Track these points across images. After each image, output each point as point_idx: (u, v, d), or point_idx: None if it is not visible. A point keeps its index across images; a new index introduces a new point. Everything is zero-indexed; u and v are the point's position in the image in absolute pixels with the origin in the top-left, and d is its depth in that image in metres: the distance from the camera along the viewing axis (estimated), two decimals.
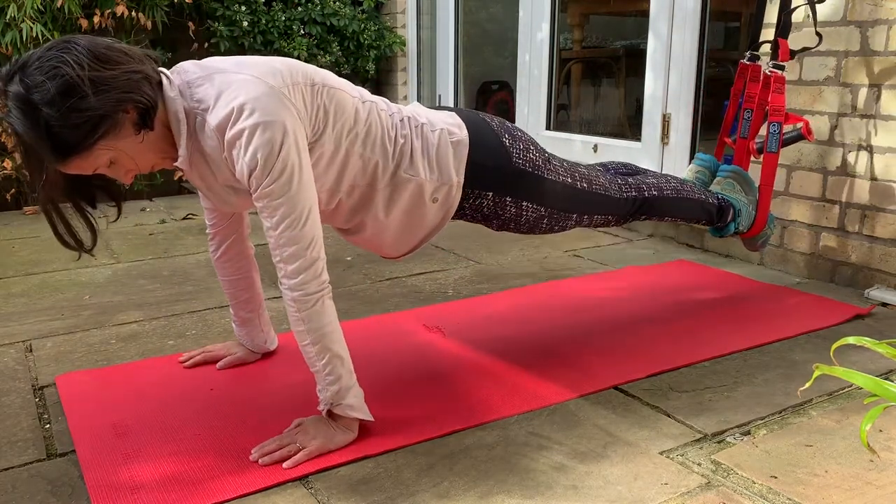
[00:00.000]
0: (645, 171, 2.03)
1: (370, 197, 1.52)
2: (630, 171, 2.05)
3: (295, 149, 1.31)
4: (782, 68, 2.12)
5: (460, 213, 1.65)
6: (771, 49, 2.16)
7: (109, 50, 1.26)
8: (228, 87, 1.31)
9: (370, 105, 1.49)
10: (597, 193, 1.78)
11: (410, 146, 1.52)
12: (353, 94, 1.47)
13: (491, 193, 1.62)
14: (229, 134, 1.30)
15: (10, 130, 1.22)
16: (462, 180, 1.57)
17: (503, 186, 1.62)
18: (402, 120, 1.54)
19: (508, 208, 1.65)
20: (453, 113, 1.63)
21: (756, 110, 2.19)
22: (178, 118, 1.33)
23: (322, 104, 1.39)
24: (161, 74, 1.33)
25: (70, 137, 1.22)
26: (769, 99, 2.13)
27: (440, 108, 1.67)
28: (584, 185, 1.75)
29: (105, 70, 1.23)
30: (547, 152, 1.72)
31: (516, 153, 1.63)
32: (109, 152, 1.28)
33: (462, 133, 1.58)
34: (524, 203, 1.66)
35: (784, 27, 2.15)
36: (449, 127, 1.58)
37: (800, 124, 2.15)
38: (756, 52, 2.21)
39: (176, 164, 1.39)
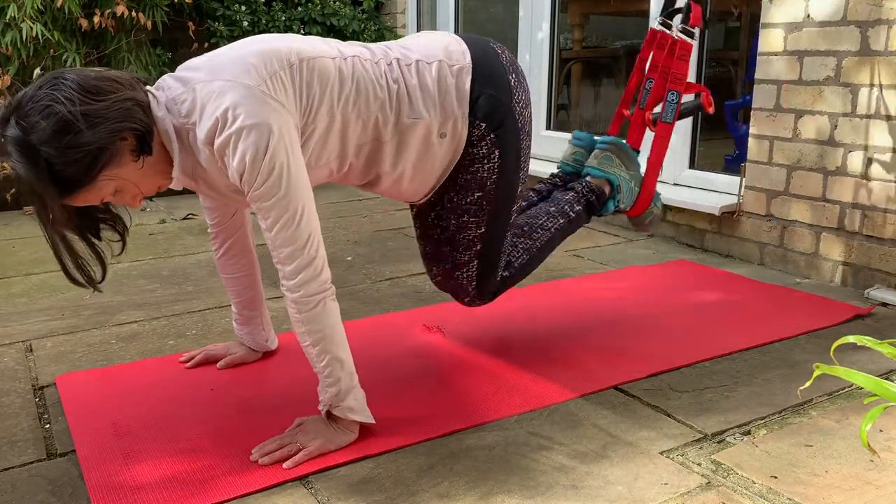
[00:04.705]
0: (530, 226, 1.81)
1: (379, 150, 1.49)
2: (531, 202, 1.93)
3: (283, 148, 1.30)
4: (691, 35, 1.97)
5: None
6: (683, 13, 1.98)
7: (99, 80, 1.25)
8: (210, 98, 1.30)
9: (352, 60, 1.44)
10: (505, 234, 1.67)
11: (406, 89, 1.48)
12: (332, 54, 1.42)
13: (484, 125, 1.55)
14: (217, 144, 1.30)
15: (13, 173, 1.23)
16: (466, 111, 1.52)
17: (493, 123, 1.55)
18: (389, 64, 1.48)
19: (488, 149, 1.56)
20: (459, 39, 1.58)
21: (658, 80, 2.02)
22: (171, 137, 1.33)
23: (305, 82, 1.36)
24: (148, 94, 1.33)
25: (72, 174, 1.22)
26: (671, 66, 1.97)
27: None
28: (515, 213, 1.67)
29: (96, 102, 1.22)
30: (528, 156, 1.64)
31: (516, 98, 1.58)
32: (113, 182, 1.29)
33: (465, 59, 1.54)
34: (495, 154, 1.57)
35: None
36: (449, 55, 1.53)
37: (700, 94, 1.99)
38: (668, 20, 2.03)
39: (171, 185, 1.39)
